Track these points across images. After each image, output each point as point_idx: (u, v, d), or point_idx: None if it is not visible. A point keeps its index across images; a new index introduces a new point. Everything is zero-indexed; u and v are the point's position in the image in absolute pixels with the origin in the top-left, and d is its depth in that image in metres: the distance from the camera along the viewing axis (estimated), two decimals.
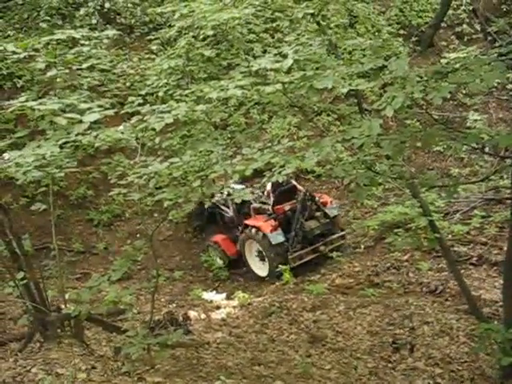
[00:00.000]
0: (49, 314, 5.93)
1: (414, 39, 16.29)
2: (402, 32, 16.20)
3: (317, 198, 10.37)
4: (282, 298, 8.96)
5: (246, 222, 10.39)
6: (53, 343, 5.91)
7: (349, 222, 11.65)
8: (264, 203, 10.46)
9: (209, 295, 9.65)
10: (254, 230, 10.19)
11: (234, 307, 8.97)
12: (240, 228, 10.65)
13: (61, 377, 5.11)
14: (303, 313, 8.45)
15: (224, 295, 9.61)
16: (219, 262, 10.84)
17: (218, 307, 9.06)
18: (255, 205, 10.53)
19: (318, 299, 8.75)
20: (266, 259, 10.18)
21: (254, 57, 11.33)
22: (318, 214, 10.33)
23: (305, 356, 7.21)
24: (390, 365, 7.13)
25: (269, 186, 10.32)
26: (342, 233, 10.73)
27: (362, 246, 10.59)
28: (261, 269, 10.45)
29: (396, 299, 8.58)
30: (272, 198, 10.29)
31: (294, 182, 10.84)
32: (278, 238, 9.93)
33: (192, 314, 8.32)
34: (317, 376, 6.61)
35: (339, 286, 9.25)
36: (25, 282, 5.80)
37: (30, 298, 5.92)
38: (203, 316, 8.52)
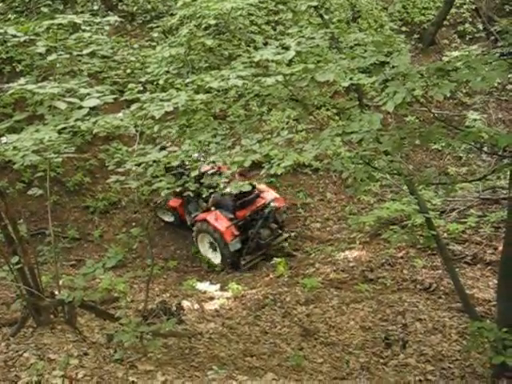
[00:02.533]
0: (42, 300, 5.91)
1: (416, 36, 16.26)
2: (404, 29, 16.17)
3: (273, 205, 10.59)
4: (275, 290, 8.96)
5: (206, 218, 10.40)
6: (45, 329, 5.91)
7: (345, 218, 11.65)
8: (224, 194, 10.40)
9: (203, 286, 9.65)
10: (209, 227, 10.37)
11: (228, 298, 8.98)
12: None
13: (53, 362, 5.11)
14: (296, 306, 8.46)
15: (218, 286, 9.61)
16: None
17: (212, 298, 9.07)
18: (216, 196, 10.44)
19: (312, 293, 8.75)
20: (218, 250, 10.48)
21: (256, 48, 11.29)
22: (271, 223, 10.73)
23: (297, 349, 7.23)
24: (381, 360, 7.16)
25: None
26: (286, 235, 11.08)
27: (358, 242, 10.59)
28: (214, 258, 10.66)
29: (390, 295, 8.59)
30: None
31: (262, 188, 10.99)
32: (236, 245, 10.30)
33: (185, 304, 8.33)
34: (308, 369, 6.63)
35: (333, 281, 9.25)
36: (19, 266, 5.79)
37: (24, 282, 5.90)
38: (196, 306, 8.52)
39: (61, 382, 4.75)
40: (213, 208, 10.51)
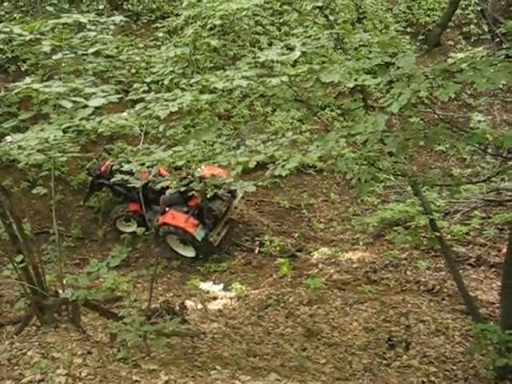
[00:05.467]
0: (46, 298, 5.93)
1: (420, 38, 16.24)
2: (409, 30, 16.16)
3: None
4: (279, 291, 8.96)
5: (164, 221, 10.42)
6: (49, 327, 5.92)
7: (348, 219, 11.65)
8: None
9: (206, 286, 9.65)
10: (170, 228, 10.45)
11: (231, 298, 8.99)
12: None
13: (56, 361, 5.12)
14: (300, 307, 8.46)
15: (221, 286, 9.62)
16: None
17: (215, 298, 9.08)
18: (165, 197, 10.47)
19: (315, 294, 8.75)
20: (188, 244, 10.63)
21: (260, 49, 11.30)
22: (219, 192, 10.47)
23: (300, 350, 7.23)
24: (384, 361, 7.15)
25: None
26: (239, 197, 11.21)
27: (361, 243, 10.59)
28: (187, 251, 10.77)
29: (393, 297, 8.59)
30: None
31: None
32: (201, 233, 10.42)
33: (188, 303, 8.34)
34: (311, 370, 6.63)
35: (336, 282, 9.25)
36: (23, 265, 5.81)
37: (28, 281, 5.92)
38: (200, 306, 8.54)
39: (64, 380, 4.76)
40: (167, 209, 10.57)
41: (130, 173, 10.68)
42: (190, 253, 10.76)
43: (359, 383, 6.59)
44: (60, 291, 6.16)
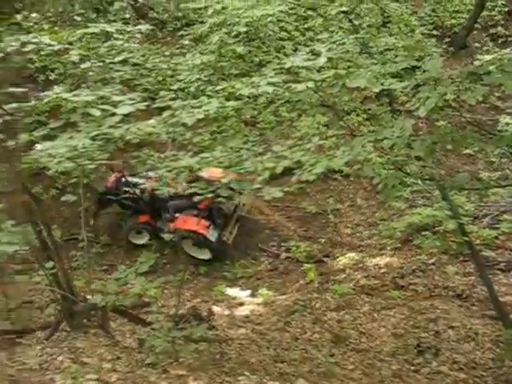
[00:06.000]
0: (76, 304, 6.01)
1: (446, 40, 16.10)
2: (434, 33, 16.02)
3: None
4: (305, 296, 8.94)
5: (176, 226, 10.42)
6: (79, 333, 6.00)
7: (375, 224, 11.57)
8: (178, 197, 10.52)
9: (233, 291, 9.67)
10: (184, 233, 10.39)
11: (258, 304, 8.98)
12: None
13: (86, 366, 5.18)
14: (327, 312, 8.42)
15: (248, 292, 9.62)
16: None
17: (242, 304, 9.08)
18: (172, 203, 10.60)
19: (343, 299, 8.71)
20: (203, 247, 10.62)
21: (285, 54, 11.32)
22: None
23: (328, 355, 7.19)
24: (413, 368, 7.08)
25: None
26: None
27: (389, 248, 10.51)
28: (202, 253, 10.69)
29: (421, 302, 8.50)
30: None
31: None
32: (214, 233, 10.45)
33: (216, 309, 8.36)
34: (340, 376, 6.59)
35: (364, 287, 9.19)
36: (53, 271, 5.89)
37: (58, 287, 6.01)
38: (227, 312, 8.55)
39: None
40: (176, 215, 10.58)
41: (137, 185, 10.92)
42: (205, 255, 10.72)
43: None
44: (89, 297, 6.23)
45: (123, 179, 11.06)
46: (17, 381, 4.98)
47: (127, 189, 10.97)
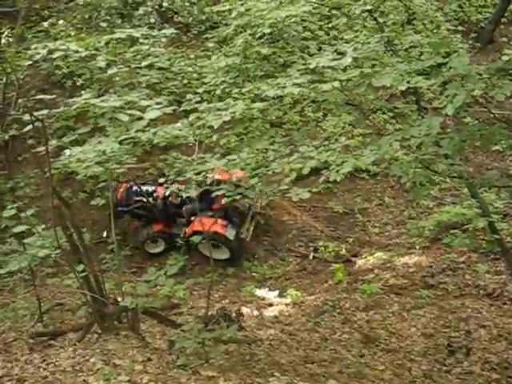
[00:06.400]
0: (107, 306, 6.08)
1: (473, 35, 15.90)
2: (460, 28, 15.82)
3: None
4: (334, 296, 8.91)
5: (194, 229, 10.24)
6: (110, 334, 6.07)
7: (403, 222, 11.49)
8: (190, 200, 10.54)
9: (261, 292, 9.69)
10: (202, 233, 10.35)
11: (287, 305, 8.98)
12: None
13: (118, 367, 5.24)
14: (356, 312, 8.39)
15: (276, 293, 9.63)
16: None
17: (271, 304, 9.09)
18: (187, 207, 10.57)
19: (372, 299, 8.67)
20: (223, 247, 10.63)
21: (310, 54, 11.29)
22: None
23: (358, 356, 7.17)
24: (444, 368, 7.01)
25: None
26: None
27: (417, 247, 10.42)
28: (221, 253, 10.66)
29: (451, 301, 8.42)
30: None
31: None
32: (232, 232, 10.49)
33: (245, 310, 8.39)
34: (370, 376, 6.56)
35: (393, 287, 9.13)
36: (84, 274, 5.98)
37: (89, 290, 6.09)
38: (256, 313, 8.57)
39: None
40: (192, 218, 10.53)
41: (148, 193, 10.98)
42: (224, 255, 10.73)
43: None
44: (119, 299, 6.30)
45: (133, 188, 11.12)
46: (50, 382, 5.07)
47: (138, 198, 11.04)
